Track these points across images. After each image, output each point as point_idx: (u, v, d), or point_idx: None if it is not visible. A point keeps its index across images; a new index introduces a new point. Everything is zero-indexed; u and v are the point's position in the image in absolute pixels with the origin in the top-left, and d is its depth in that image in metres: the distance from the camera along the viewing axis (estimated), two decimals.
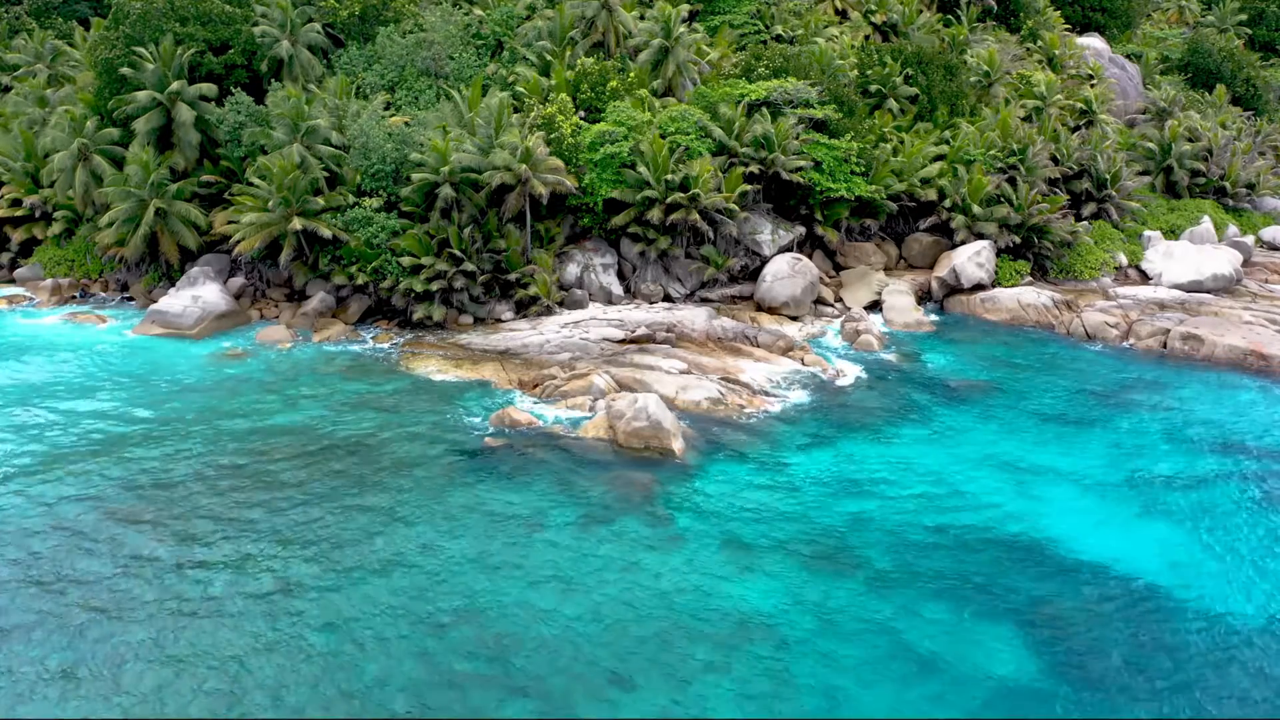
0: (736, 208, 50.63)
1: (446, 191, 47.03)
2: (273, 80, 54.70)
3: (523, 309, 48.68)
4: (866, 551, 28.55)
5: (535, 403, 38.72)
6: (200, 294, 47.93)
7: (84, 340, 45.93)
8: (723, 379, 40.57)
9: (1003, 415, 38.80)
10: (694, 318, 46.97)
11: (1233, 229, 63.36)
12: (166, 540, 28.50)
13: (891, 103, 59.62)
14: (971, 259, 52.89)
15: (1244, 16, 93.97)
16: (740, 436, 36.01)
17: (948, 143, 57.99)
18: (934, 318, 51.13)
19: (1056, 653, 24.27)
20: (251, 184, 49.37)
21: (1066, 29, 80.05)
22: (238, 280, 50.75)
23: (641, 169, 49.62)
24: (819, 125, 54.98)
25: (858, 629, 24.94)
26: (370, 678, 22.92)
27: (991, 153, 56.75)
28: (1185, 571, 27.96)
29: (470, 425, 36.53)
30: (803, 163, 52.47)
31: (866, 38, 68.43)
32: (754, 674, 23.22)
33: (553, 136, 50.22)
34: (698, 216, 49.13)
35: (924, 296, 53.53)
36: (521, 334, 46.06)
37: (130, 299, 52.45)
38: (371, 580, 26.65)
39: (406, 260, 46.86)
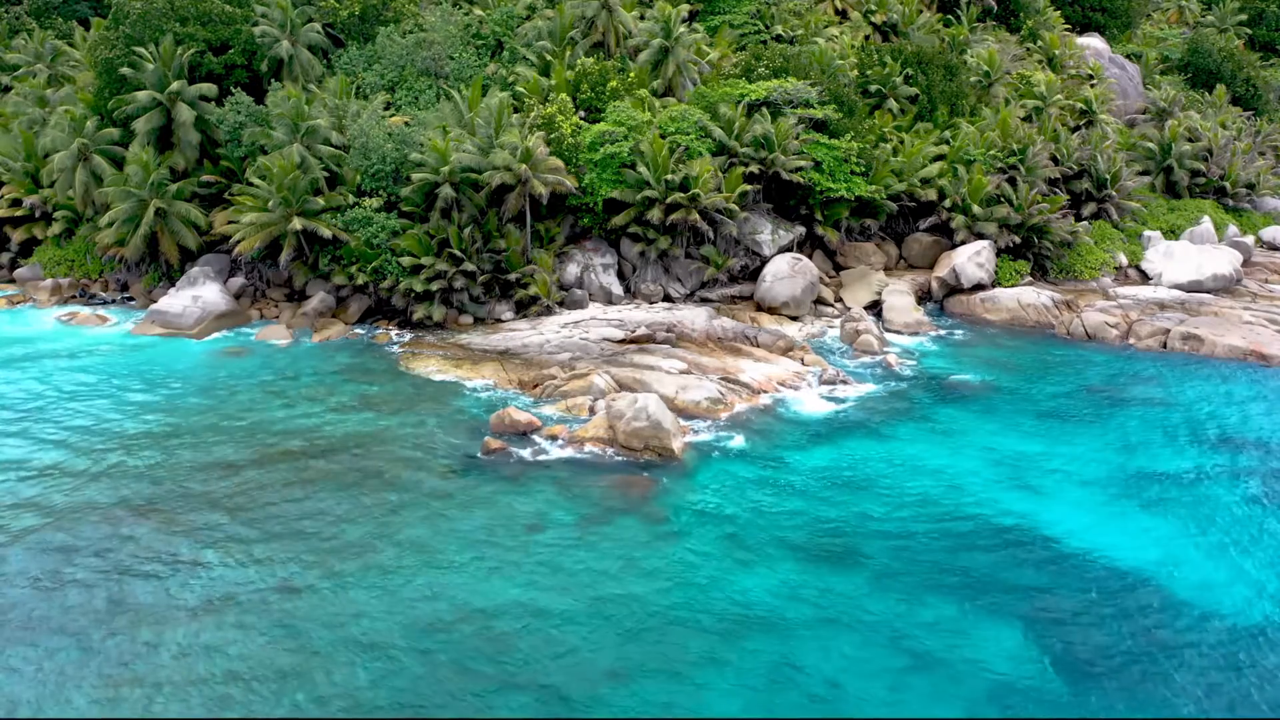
0: (736, 208, 50.64)
1: (446, 191, 47.05)
2: (273, 80, 54.71)
3: (523, 309, 48.69)
4: (866, 548, 28.56)
5: (535, 403, 38.70)
6: (200, 294, 47.96)
7: (84, 340, 45.95)
8: (723, 379, 40.57)
9: (1002, 414, 38.80)
10: (694, 318, 46.97)
11: (1233, 229, 63.38)
12: (164, 540, 28.49)
13: (891, 103, 59.64)
14: (971, 259, 52.90)
15: (1244, 16, 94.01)
16: (740, 436, 36.02)
17: (948, 143, 58.00)
18: (934, 318, 51.11)
19: (1056, 649, 24.24)
20: (251, 184, 49.39)
21: (1066, 29, 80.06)
22: (238, 280, 50.78)
23: (641, 169, 49.62)
24: (819, 125, 54.98)
25: (857, 625, 24.95)
26: (370, 676, 22.92)
27: (991, 153, 56.76)
28: (1186, 568, 27.95)
29: (470, 425, 36.51)
30: (803, 163, 52.47)
31: (866, 38, 68.45)
32: (753, 669, 23.22)
33: (553, 136, 50.23)
34: (698, 216, 49.14)
35: (924, 297, 53.54)
36: (521, 334, 46.06)
37: (130, 299, 52.50)
38: (371, 580, 26.66)
39: (406, 260, 46.89)
